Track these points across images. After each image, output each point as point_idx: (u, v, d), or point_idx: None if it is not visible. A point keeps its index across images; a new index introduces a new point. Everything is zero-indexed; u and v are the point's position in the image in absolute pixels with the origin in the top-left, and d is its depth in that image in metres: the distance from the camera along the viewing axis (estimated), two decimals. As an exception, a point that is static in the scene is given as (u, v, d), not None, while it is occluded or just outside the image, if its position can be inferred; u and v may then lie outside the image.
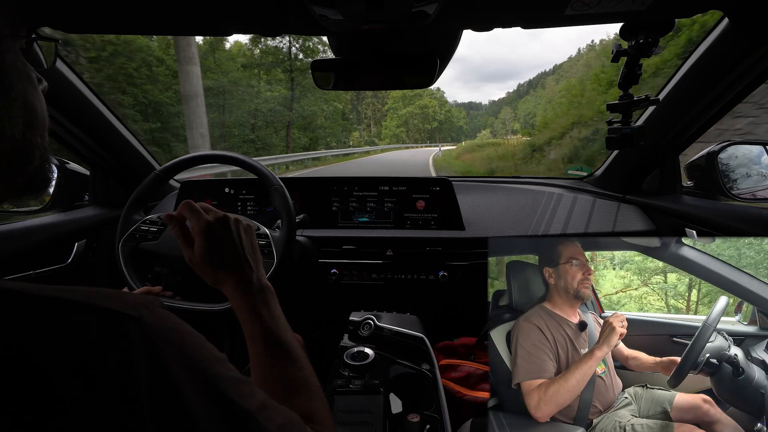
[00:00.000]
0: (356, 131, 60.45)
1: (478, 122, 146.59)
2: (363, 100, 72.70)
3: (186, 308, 0.89)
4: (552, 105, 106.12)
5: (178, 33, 0.80)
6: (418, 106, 76.21)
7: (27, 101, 0.37)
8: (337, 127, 27.16)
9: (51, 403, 0.24)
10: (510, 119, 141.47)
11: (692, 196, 1.13)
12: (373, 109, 75.51)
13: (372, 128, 72.80)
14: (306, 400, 0.46)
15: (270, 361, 0.49)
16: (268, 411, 0.35)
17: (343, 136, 39.37)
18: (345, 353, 0.87)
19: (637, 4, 0.64)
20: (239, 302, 0.54)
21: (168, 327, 0.31)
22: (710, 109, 0.97)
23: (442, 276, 1.19)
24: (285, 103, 21.39)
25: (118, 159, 1.27)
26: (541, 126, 17.58)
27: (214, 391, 0.31)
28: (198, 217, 0.58)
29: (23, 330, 0.26)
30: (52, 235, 1.07)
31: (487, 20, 0.71)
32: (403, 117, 76.25)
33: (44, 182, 0.42)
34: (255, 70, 23.30)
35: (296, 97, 22.59)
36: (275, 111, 19.91)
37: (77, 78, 1.05)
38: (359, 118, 69.86)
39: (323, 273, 1.23)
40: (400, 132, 72.93)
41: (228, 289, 0.56)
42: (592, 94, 14.12)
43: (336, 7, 0.62)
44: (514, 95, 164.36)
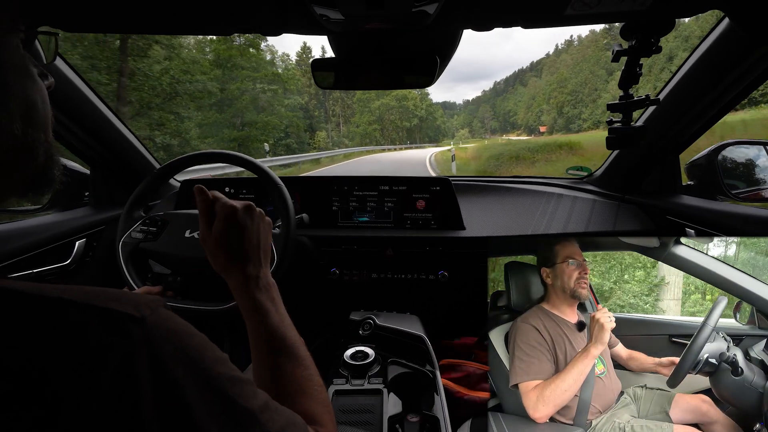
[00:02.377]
0: (323, 130, 52.43)
1: (455, 121, 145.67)
2: (330, 95, 61.82)
3: (186, 308, 0.89)
4: (538, 101, 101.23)
5: (178, 33, 0.80)
6: (395, 98, 64.46)
7: (27, 97, 0.36)
8: (279, 125, 21.48)
9: (51, 405, 0.24)
10: (489, 117, 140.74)
11: (692, 195, 1.13)
12: (342, 105, 64.55)
13: (341, 127, 62.93)
14: (309, 400, 0.46)
15: (273, 359, 0.48)
16: (270, 412, 0.35)
17: (307, 136, 34.40)
18: (345, 353, 0.87)
19: (637, 4, 0.64)
20: (244, 296, 0.53)
21: (171, 328, 0.30)
22: (711, 109, 0.97)
23: (442, 275, 1.20)
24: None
25: (118, 158, 1.27)
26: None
27: (217, 392, 0.30)
28: (226, 199, 0.58)
29: (24, 331, 0.26)
30: (52, 234, 1.07)
31: (488, 20, 0.71)
32: (377, 111, 63.42)
33: (49, 180, 0.41)
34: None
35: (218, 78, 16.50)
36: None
37: (77, 76, 1.05)
38: (327, 115, 61.43)
39: (323, 272, 1.23)
40: (372, 130, 61.16)
41: (234, 280, 0.54)
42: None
43: (336, 6, 0.62)
44: (491, 93, 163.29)
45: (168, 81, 11.55)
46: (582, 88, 79.58)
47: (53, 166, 0.40)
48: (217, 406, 0.30)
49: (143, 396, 0.26)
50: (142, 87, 10.92)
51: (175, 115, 12.41)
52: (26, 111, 0.36)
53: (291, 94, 24.79)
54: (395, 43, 0.87)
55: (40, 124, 0.38)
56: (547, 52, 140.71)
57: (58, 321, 0.26)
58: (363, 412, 0.73)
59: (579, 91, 79.99)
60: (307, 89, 53.79)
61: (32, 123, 0.36)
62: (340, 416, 0.72)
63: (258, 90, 20.27)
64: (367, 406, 0.74)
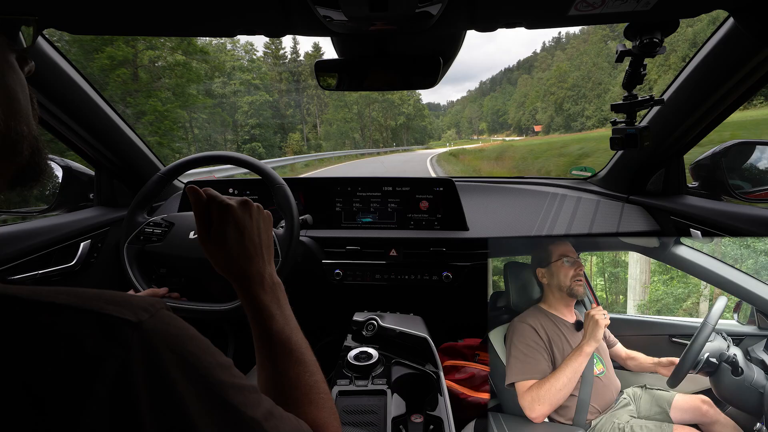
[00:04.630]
0: (297, 132, 45.30)
1: (441, 122, 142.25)
2: (305, 92, 53.07)
3: (191, 309, 0.89)
4: (531, 99, 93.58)
5: (182, 34, 0.81)
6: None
7: (6, 88, 0.34)
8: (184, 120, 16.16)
9: (45, 417, 0.23)
10: (476, 118, 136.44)
11: (697, 196, 1.13)
12: (319, 103, 53.76)
13: (319, 128, 52.64)
14: (316, 408, 0.44)
15: (279, 365, 0.46)
16: (275, 419, 0.34)
17: (277, 139, 30.13)
18: (348, 354, 0.88)
19: (641, 5, 0.64)
20: (248, 297, 0.50)
21: (170, 332, 0.29)
22: (715, 110, 0.96)
23: (445, 276, 1.20)
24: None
25: (122, 159, 1.28)
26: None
27: (218, 400, 0.29)
28: (221, 198, 0.54)
29: (18, 338, 0.25)
30: (57, 235, 1.07)
31: (491, 21, 0.71)
32: (355, 106, 52.15)
33: (36, 173, 0.39)
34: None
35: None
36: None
37: (83, 79, 1.06)
38: (302, 115, 51.77)
39: (327, 273, 1.24)
40: (350, 129, 50.77)
41: (237, 281, 0.51)
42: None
43: (340, 8, 0.62)
44: (476, 93, 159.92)
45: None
46: (585, 82, 75.00)
47: (40, 158, 0.39)
48: (219, 415, 0.29)
49: (141, 406, 0.25)
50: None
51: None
52: (7, 103, 0.34)
53: (255, 90, 21.19)
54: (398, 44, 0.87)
55: (23, 116, 0.36)
56: (534, 51, 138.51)
57: (52, 327, 0.25)
58: (367, 413, 0.73)
59: (581, 86, 75.40)
60: (277, 85, 48.16)
61: (14, 115, 0.34)
62: (344, 417, 0.72)
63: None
64: (371, 407, 0.74)
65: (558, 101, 78.43)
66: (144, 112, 12.86)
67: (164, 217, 1.04)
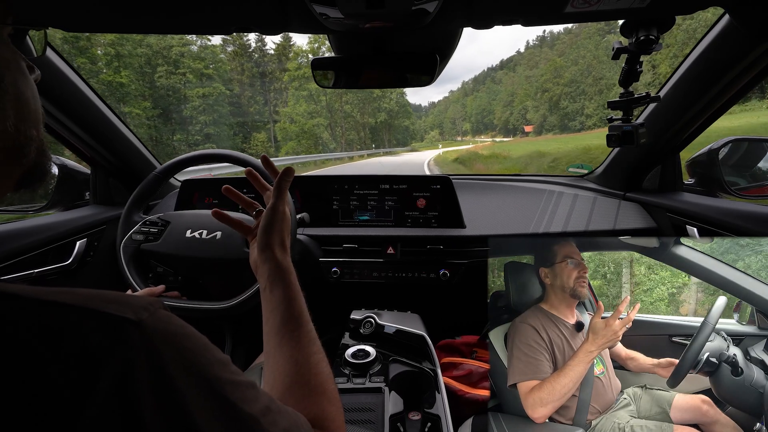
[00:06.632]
0: (262, 132, 39.40)
1: (424, 123, 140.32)
2: (271, 86, 45.39)
3: (188, 307, 0.89)
4: (519, 98, 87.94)
5: (178, 32, 0.80)
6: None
7: (18, 93, 0.35)
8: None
9: (47, 414, 0.23)
10: (460, 118, 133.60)
11: (693, 193, 1.13)
12: (286, 99, 43.74)
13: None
14: (328, 401, 0.46)
15: (305, 347, 0.48)
16: (273, 414, 0.34)
17: (239, 139, 26.57)
18: (346, 351, 0.87)
19: (637, 2, 0.63)
20: (278, 276, 0.54)
21: (170, 330, 0.30)
22: (711, 106, 0.96)
23: (443, 274, 1.20)
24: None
25: (118, 157, 1.27)
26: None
27: (217, 396, 0.30)
28: (272, 189, 0.65)
29: (18, 337, 0.25)
30: (53, 234, 1.07)
31: (488, 18, 0.71)
32: (323, 98, 40.19)
33: (41, 175, 0.40)
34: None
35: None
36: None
37: (77, 77, 1.05)
38: (270, 111, 44.15)
39: (324, 271, 1.23)
40: (315, 128, 37.20)
41: (270, 262, 0.56)
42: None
43: (336, 5, 0.61)
44: (459, 93, 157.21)
45: None
46: (584, 77, 67.55)
47: (45, 161, 0.40)
48: (218, 411, 0.29)
49: (143, 403, 0.26)
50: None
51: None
52: (19, 107, 0.35)
53: (210, 81, 16.91)
54: (395, 41, 0.87)
55: (32, 120, 0.37)
56: (518, 50, 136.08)
57: (52, 327, 0.26)
58: (364, 411, 0.73)
59: (580, 81, 68.20)
60: (237, 77, 41.59)
61: (24, 119, 0.36)
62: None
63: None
64: (369, 405, 0.74)
65: (554, 99, 73.36)
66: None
67: (161, 216, 1.03)
